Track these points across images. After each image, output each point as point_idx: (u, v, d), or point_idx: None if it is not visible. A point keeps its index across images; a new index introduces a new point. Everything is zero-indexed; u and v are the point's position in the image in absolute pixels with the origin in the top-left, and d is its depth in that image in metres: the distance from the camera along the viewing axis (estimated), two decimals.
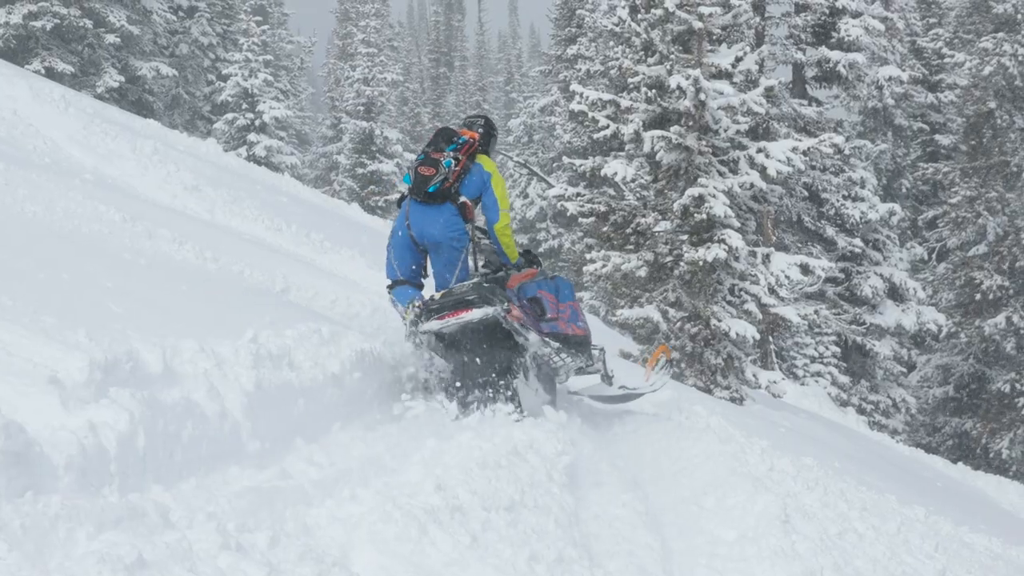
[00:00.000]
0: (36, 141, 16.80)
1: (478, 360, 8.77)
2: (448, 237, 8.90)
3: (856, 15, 26.36)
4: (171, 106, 41.18)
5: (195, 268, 10.93)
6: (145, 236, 11.41)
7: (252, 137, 40.13)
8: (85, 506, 4.23)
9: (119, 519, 4.28)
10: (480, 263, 9.44)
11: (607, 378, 10.25)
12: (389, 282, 9.20)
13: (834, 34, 26.42)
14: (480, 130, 9.38)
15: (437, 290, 8.90)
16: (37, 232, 9.75)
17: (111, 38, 33.60)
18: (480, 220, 9.35)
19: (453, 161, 8.94)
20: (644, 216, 17.86)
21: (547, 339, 9.16)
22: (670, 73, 17.47)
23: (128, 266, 9.53)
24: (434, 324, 8.64)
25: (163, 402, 5.31)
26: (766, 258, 18.15)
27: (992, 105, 31.24)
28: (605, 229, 18.22)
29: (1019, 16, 30.73)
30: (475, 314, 8.56)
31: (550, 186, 27.40)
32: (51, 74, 30.21)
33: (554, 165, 44.51)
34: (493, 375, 8.78)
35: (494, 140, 9.58)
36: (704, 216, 16.92)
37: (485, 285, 8.75)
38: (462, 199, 8.96)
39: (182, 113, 42.05)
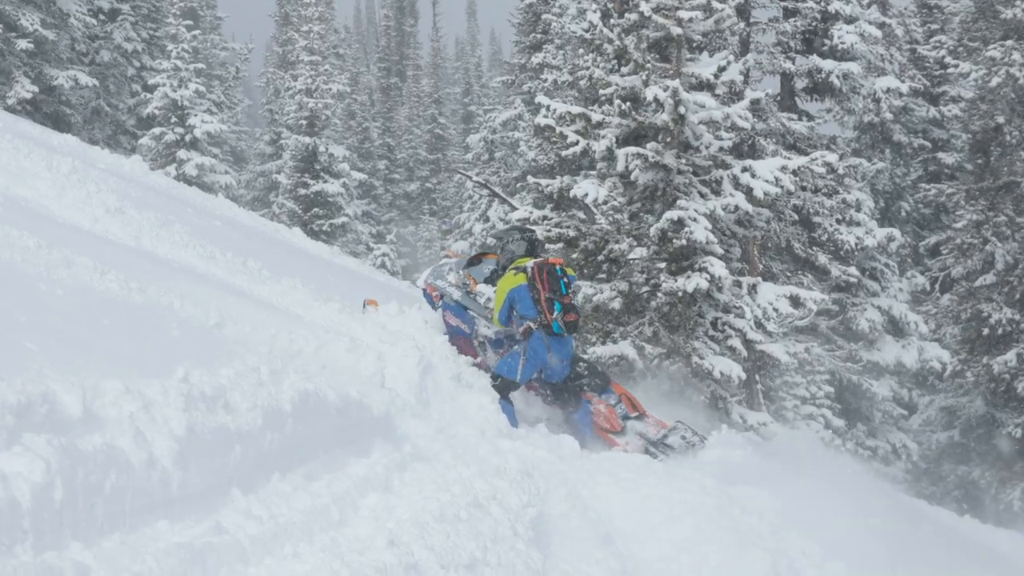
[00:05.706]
0: None
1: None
2: (570, 358, 13.21)
3: (850, 21, 26.49)
4: (91, 119, 41.00)
5: (119, 300, 10.89)
6: (63, 264, 11.36)
7: (182, 154, 39.98)
8: None
9: None
10: None
11: None
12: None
13: (826, 41, 26.54)
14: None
15: (550, 380, 13.27)
16: None
17: (23, 44, 33.45)
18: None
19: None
20: (618, 242, 17.92)
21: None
22: (646, 84, 17.57)
23: (44, 298, 9.48)
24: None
25: (83, 449, 5.27)
26: (752, 289, 18.22)
27: (1000, 120, 31.40)
28: (575, 256, 18.25)
29: None
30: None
31: (513, 209, 27.40)
32: None
33: (518, 185, 44.42)
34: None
35: None
36: (684, 242, 17.01)
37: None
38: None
39: (103, 127, 41.88)
